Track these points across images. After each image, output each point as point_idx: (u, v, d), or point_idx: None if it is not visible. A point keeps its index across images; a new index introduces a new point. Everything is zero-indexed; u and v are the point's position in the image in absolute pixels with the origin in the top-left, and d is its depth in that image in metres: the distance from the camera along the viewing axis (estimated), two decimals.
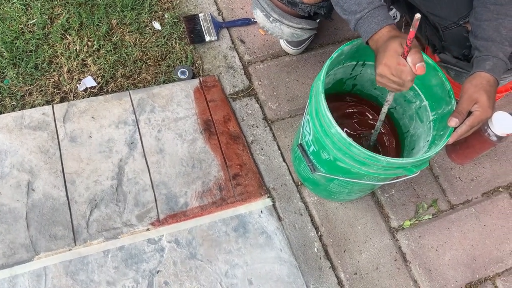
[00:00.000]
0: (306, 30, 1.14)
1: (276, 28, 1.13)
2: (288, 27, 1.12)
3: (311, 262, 1.18)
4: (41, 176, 1.17)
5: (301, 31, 1.14)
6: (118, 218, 1.16)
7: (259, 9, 1.12)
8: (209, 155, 1.26)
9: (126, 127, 1.27)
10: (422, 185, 1.33)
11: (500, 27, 0.90)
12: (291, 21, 1.11)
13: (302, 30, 1.14)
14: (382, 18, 0.87)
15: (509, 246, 1.28)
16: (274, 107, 1.38)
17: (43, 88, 1.31)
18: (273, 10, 1.10)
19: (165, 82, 1.37)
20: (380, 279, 1.19)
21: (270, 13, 1.10)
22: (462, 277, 1.22)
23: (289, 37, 1.16)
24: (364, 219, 1.26)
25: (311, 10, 1.10)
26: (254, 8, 1.14)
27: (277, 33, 1.14)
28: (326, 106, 0.89)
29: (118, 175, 1.20)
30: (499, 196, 1.34)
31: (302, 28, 1.13)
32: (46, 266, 1.08)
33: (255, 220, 1.21)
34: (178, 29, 1.46)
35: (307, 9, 1.09)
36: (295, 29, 1.13)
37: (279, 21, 1.10)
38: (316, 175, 1.10)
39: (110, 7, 1.46)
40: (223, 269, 1.14)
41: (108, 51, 1.38)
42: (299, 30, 1.13)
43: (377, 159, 0.87)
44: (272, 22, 1.12)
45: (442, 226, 1.28)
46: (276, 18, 1.10)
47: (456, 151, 1.35)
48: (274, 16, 1.10)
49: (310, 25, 1.13)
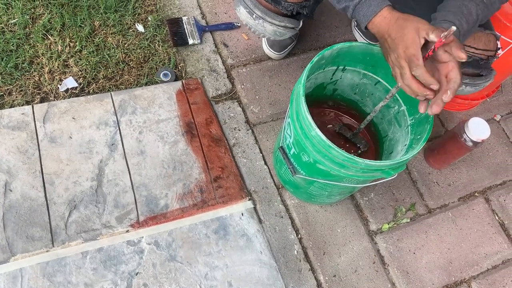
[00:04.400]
0: (288, 28, 1.15)
1: (259, 26, 1.14)
2: (271, 24, 1.13)
3: (291, 265, 1.19)
4: (19, 177, 1.16)
5: (284, 29, 1.15)
6: (98, 219, 1.15)
7: (243, 6, 1.12)
8: (190, 157, 1.27)
9: (107, 128, 1.26)
10: (400, 189, 1.35)
11: (463, 7, 0.88)
12: (274, 19, 1.11)
13: (284, 29, 1.15)
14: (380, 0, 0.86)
15: (484, 250, 1.31)
16: (256, 110, 1.39)
17: (23, 88, 1.29)
18: (256, 7, 1.10)
19: (148, 84, 1.37)
20: (359, 282, 1.20)
21: (254, 10, 1.11)
22: (438, 280, 1.24)
23: (271, 35, 1.17)
24: (343, 222, 1.27)
25: (294, 9, 1.11)
26: (237, 5, 1.14)
27: (260, 31, 1.15)
28: (306, 109, 0.91)
29: (98, 176, 1.19)
30: (475, 201, 1.38)
31: (284, 27, 1.14)
32: (23, 268, 1.06)
33: (236, 223, 1.21)
34: (162, 32, 1.46)
35: (290, 8, 1.10)
36: (278, 27, 1.14)
37: (262, 18, 1.11)
38: (297, 177, 1.11)
39: (93, 9, 1.45)
40: (203, 271, 1.13)
41: (91, 52, 1.38)
42: (281, 28, 1.14)
43: (355, 161, 0.89)
44: (255, 19, 1.12)
45: (419, 230, 1.30)
46: (259, 15, 1.11)
47: (433, 156, 1.38)
48: (257, 13, 1.11)
49: (292, 24, 1.15)
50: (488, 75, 1.06)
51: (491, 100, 1.58)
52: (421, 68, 0.78)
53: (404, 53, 0.80)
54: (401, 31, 0.81)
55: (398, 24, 0.82)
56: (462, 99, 1.47)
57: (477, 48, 1.01)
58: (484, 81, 1.06)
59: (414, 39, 0.79)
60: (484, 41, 1.01)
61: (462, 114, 1.53)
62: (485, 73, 1.05)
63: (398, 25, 0.82)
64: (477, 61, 1.02)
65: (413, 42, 0.79)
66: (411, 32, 0.79)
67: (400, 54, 0.81)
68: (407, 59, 0.80)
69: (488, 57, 1.03)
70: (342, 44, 0.98)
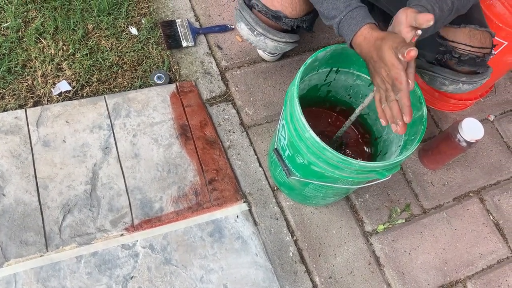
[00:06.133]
0: (289, 43, 1.16)
1: (260, 42, 1.15)
2: (272, 41, 1.14)
3: (287, 267, 1.19)
4: (12, 181, 1.15)
5: (285, 44, 1.16)
6: (92, 223, 1.14)
7: (244, 23, 1.13)
8: (185, 160, 1.26)
9: (101, 132, 1.26)
10: (395, 190, 1.35)
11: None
12: (275, 35, 1.12)
13: (285, 44, 1.16)
14: (360, 18, 0.87)
15: (479, 250, 1.31)
16: (250, 112, 1.39)
17: (16, 92, 1.29)
18: (257, 24, 1.11)
19: (141, 87, 1.37)
20: (355, 283, 1.20)
21: (255, 27, 1.11)
22: (434, 280, 1.25)
23: (272, 50, 1.18)
24: (338, 223, 1.27)
25: (294, 24, 1.12)
26: (238, 21, 1.15)
27: (261, 46, 1.16)
28: (300, 110, 0.91)
29: (92, 180, 1.19)
30: (470, 201, 1.38)
31: (285, 42, 1.15)
32: (16, 273, 1.05)
33: (231, 225, 1.21)
34: (155, 35, 1.46)
35: (290, 23, 1.11)
36: (279, 43, 1.15)
37: (264, 35, 1.12)
38: (292, 179, 1.11)
39: (86, 12, 1.45)
40: (198, 274, 1.13)
41: (84, 55, 1.37)
42: (282, 44, 1.15)
43: (349, 162, 0.89)
44: (256, 35, 1.13)
45: (414, 230, 1.30)
46: (261, 32, 1.11)
47: (428, 157, 1.38)
48: (259, 30, 1.11)
49: (293, 38, 1.16)
50: (485, 72, 1.07)
51: (484, 100, 1.58)
52: (403, 92, 0.78)
53: (388, 76, 0.80)
54: (380, 53, 0.81)
55: (376, 46, 0.82)
56: (456, 100, 1.47)
57: (473, 46, 1.02)
58: (480, 78, 1.06)
59: (394, 61, 0.78)
60: (480, 38, 1.02)
61: (456, 115, 1.53)
62: (481, 71, 1.06)
63: (377, 47, 0.82)
64: (473, 59, 1.03)
65: (392, 65, 0.78)
66: (388, 53, 0.79)
67: (384, 77, 0.81)
68: (391, 82, 0.80)
69: (484, 54, 1.03)
70: (336, 46, 0.98)
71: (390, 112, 0.83)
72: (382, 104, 0.85)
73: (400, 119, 0.81)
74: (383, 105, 0.84)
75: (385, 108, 0.84)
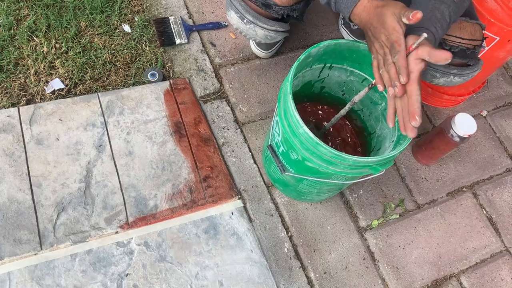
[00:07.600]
0: (279, 32, 1.16)
1: (250, 30, 1.14)
2: (262, 29, 1.13)
3: (282, 262, 1.19)
4: (5, 180, 1.14)
5: (275, 33, 1.15)
6: (86, 221, 1.14)
7: (233, 11, 1.13)
8: (179, 157, 1.26)
9: (95, 130, 1.25)
10: (389, 186, 1.36)
11: (436, 11, 0.89)
12: (265, 23, 1.12)
13: (275, 32, 1.15)
14: None
15: (473, 244, 1.32)
16: (245, 109, 1.39)
17: (9, 90, 1.28)
18: (247, 12, 1.11)
19: (135, 84, 1.37)
20: (349, 278, 1.21)
21: (245, 15, 1.11)
22: (428, 274, 1.25)
23: (262, 39, 1.18)
24: (333, 219, 1.28)
25: (285, 12, 1.11)
26: (228, 9, 1.14)
27: (251, 35, 1.15)
28: (294, 106, 0.91)
29: (86, 178, 1.19)
30: (463, 196, 1.39)
31: (275, 31, 1.15)
32: (10, 272, 1.05)
33: (226, 222, 1.21)
34: (148, 32, 1.46)
35: (280, 12, 1.11)
36: (269, 31, 1.14)
37: (253, 23, 1.11)
38: (286, 175, 1.12)
39: (79, 10, 1.44)
40: (194, 271, 1.13)
41: (77, 53, 1.37)
42: (272, 32, 1.15)
43: (343, 158, 0.89)
44: (246, 23, 1.13)
45: (409, 225, 1.31)
46: (250, 20, 1.11)
47: (421, 152, 1.39)
48: (249, 18, 1.11)
49: (283, 27, 1.15)
50: (476, 64, 1.07)
51: (477, 96, 1.59)
52: (400, 53, 0.79)
53: (387, 41, 0.81)
54: (381, 19, 0.82)
55: (377, 13, 0.84)
56: (449, 95, 1.48)
57: (463, 38, 1.02)
58: (471, 71, 1.06)
59: (395, 25, 0.80)
60: (470, 30, 1.02)
61: (448, 110, 1.54)
62: (472, 63, 1.06)
63: (377, 13, 0.84)
64: (464, 51, 1.03)
65: (393, 29, 0.80)
66: (389, 18, 0.81)
67: (383, 42, 0.82)
68: (390, 46, 0.81)
69: (474, 46, 1.04)
70: (329, 42, 0.99)
71: (387, 75, 0.83)
72: (380, 69, 0.85)
73: (397, 80, 0.80)
74: (381, 70, 0.85)
75: (382, 72, 0.84)
